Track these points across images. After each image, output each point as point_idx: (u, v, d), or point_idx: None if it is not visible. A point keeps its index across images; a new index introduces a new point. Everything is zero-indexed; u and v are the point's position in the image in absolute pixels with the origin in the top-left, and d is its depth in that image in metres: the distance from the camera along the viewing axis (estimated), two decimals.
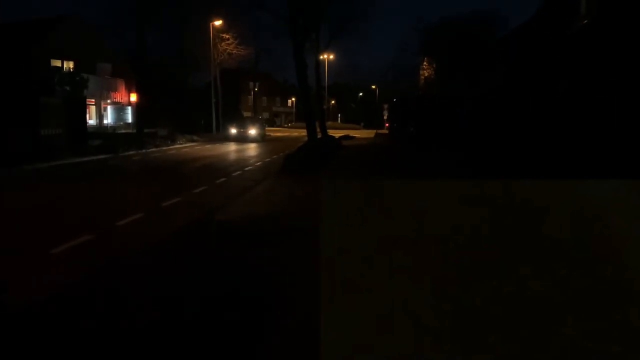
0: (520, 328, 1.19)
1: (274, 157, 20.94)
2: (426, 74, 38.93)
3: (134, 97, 40.40)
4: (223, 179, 14.27)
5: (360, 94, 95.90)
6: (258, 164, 18.97)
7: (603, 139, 11.66)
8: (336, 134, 41.41)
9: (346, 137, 38.60)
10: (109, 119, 38.53)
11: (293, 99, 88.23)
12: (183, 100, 40.52)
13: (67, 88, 26.92)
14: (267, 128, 71.28)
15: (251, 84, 60.00)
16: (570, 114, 13.51)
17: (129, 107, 39.34)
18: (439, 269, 1.21)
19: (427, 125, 27.61)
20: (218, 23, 40.84)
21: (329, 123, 76.55)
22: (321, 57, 71.00)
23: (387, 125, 64.79)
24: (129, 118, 39.27)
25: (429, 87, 35.45)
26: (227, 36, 42.67)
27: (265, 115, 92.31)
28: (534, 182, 1.23)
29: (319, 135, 31.56)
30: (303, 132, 37.05)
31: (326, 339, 1.19)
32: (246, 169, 16.99)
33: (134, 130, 33.09)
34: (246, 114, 62.36)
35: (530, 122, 15.87)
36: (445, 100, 26.24)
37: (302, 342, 3.47)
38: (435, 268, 1.21)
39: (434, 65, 36.30)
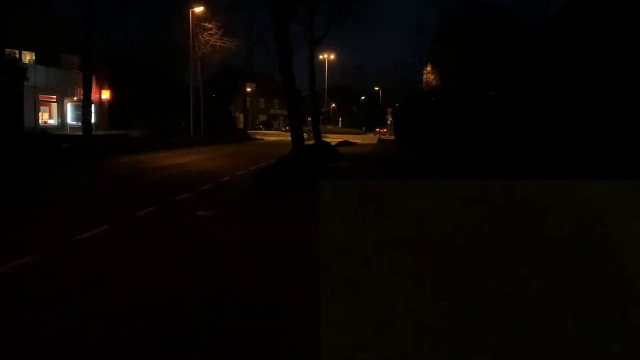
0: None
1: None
2: (430, 79, 38.92)
3: (105, 95, 40.64)
4: None
5: (363, 97, 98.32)
6: None
7: None
8: (335, 139, 41.83)
9: (345, 142, 38.92)
10: (68, 117, 38.55)
11: None
12: (166, 100, 40.74)
13: (2, 79, 25.33)
14: (263, 131, 71.62)
15: (244, 83, 60.63)
16: None
17: (93, 106, 39.48)
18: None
19: (446, 131, 26.18)
20: (199, 10, 40.96)
21: (328, 127, 77.88)
22: (321, 56, 71.77)
23: (385, 130, 65.85)
24: (93, 117, 39.51)
25: (434, 91, 35.13)
26: (210, 25, 42.75)
27: (263, 117, 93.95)
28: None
29: (312, 142, 31.49)
30: None
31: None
32: None
33: (98, 132, 32.99)
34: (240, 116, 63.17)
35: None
36: (473, 100, 25.03)
37: None
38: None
39: (438, 71, 36.14)
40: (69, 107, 38.67)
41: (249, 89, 64.52)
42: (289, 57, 20.64)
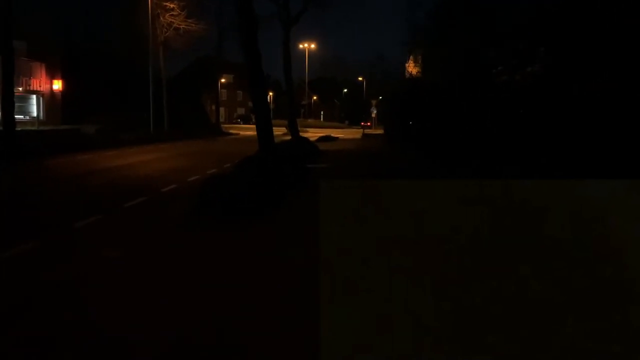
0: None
1: None
2: (413, 71, 38.87)
3: (57, 85, 40.17)
4: None
5: (345, 90, 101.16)
6: None
7: None
8: (315, 134, 41.96)
9: (326, 138, 38.97)
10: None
11: (271, 93, 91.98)
12: (127, 91, 40.46)
13: None
14: (240, 125, 72.15)
15: (218, 73, 60.59)
16: None
17: (34, 97, 38.86)
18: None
19: (452, 125, 24.34)
20: None
21: (309, 121, 78.63)
22: (301, 45, 72.25)
23: (369, 123, 66.99)
24: (34, 110, 38.91)
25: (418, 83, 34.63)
26: (172, 5, 42.28)
27: (241, 111, 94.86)
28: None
29: (289, 137, 31.27)
30: (279, 131, 36.08)
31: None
32: None
33: (43, 127, 32.22)
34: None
35: None
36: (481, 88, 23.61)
37: None
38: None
39: (421, 62, 35.94)
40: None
41: (223, 80, 64.74)
42: (253, 30, 18.43)
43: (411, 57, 39.35)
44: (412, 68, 39.19)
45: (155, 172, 17.63)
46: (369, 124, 67.20)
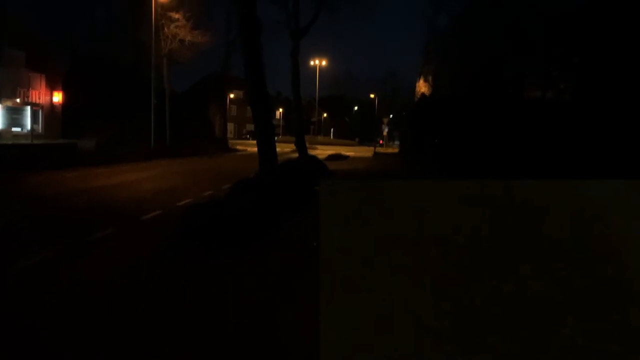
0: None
1: None
2: (424, 90, 39.20)
3: (57, 97, 40.54)
4: None
5: (356, 107, 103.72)
6: None
7: None
8: (325, 151, 42.29)
9: (336, 156, 39.11)
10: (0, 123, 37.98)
11: (281, 109, 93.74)
12: (131, 105, 40.83)
13: None
14: (249, 141, 73.63)
15: (225, 86, 61.48)
16: None
17: (28, 108, 39.04)
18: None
19: (471, 146, 22.01)
20: None
21: (319, 138, 79.59)
22: (312, 62, 73.09)
23: (381, 142, 68.15)
24: (28, 123, 39.06)
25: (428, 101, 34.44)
26: (177, 16, 42.49)
27: (251, 127, 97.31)
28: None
29: (292, 155, 31.27)
30: (287, 148, 35.66)
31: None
32: None
33: (29, 140, 32.38)
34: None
35: None
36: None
37: None
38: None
39: (431, 82, 36.11)
40: (2, 111, 37.54)
41: (233, 96, 66.13)
42: (256, 34, 17.17)
43: (422, 77, 39.73)
44: (422, 87, 39.48)
45: (143, 193, 16.81)
46: (381, 142, 68.26)
